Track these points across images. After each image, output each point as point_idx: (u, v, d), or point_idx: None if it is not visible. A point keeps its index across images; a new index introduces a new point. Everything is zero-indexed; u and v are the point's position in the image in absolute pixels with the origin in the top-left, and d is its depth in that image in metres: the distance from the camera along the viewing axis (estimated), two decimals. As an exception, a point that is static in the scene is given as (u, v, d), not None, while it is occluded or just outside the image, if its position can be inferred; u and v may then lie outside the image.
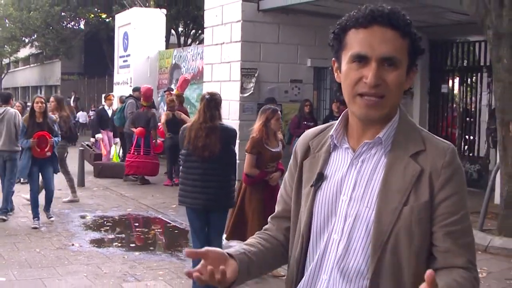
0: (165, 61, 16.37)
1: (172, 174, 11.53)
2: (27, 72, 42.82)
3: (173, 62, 15.79)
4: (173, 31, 22.88)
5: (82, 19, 29.33)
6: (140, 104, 11.89)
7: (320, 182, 1.62)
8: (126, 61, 17.49)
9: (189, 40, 23.79)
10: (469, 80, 12.22)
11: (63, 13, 27.72)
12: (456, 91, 12.63)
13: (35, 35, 29.76)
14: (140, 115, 11.52)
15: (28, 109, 9.54)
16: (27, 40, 31.58)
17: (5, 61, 40.95)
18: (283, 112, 10.36)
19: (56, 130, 7.96)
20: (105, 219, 8.64)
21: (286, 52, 11.48)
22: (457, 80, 12.48)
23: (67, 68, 34.64)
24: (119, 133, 13.43)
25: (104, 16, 27.20)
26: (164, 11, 18.05)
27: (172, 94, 11.96)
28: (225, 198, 5.05)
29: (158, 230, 8.27)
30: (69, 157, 9.62)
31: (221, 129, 4.96)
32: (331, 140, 1.64)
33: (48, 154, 7.77)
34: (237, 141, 5.49)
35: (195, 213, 5.04)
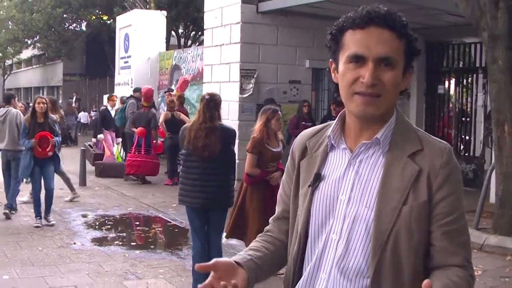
0: (165, 62, 16.36)
1: (172, 173, 11.52)
2: (29, 73, 42.78)
3: (173, 63, 15.78)
4: (173, 33, 22.87)
5: (83, 21, 29.33)
6: (141, 105, 11.89)
7: (317, 182, 1.61)
8: (127, 62, 17.49)
9: (189, 42, 23.78)
10: (465, 81, 12.23)
11: (65, 15, 27.69)
12: (452, 92, 12.64)
13: (38, 37, 29.72)
14: (140, 116, 11.51)
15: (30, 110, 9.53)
16: (29, 42, 31.56)
17: (8, 62, 40.90)
18: (282, 113, 10.33)
19: (57, 130, 7.95)
20: (106, 218, 8.64)
21: (284, 53, 11.48)
22: (453, 81, 12.49)
23: (69, 69, 34.62)
24: (120, 133, 13.43)
25: (105, 18, 27.20)
26: (165, 13, 18.05)
27: (173, 95, 11.96)
28: (224, 198, 5.04)
29: (159, 229, 8.27)
30: (71, 157, 9.63)
31: (220, 129, 4.96)
32: (329, 141, 1.63)
33: (50, 154, 7.77)
34: (237, 141, 5.49)
35: (194, 212, 5.03)
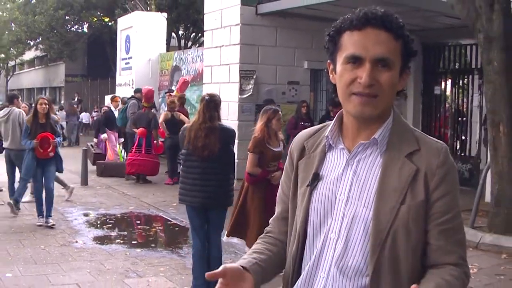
0: (166, 63, 16.35)
1: (172, 173, 11.52)
2: (32, 74, 42.77)
3: (174, 64, 15.77)
4: (173, 34, 22.87)
5: (85, 23, 29.34)
6: (142, 105, 11.89)
7: (315, 182, 1.61)
8: (128, 63, 17.47)
9: (189, 43, 23.78)
10: (461, 82, 12.22)
11: (67, 17, 27.70)
12: (448, 92, 12.64)
13: (40, 38, 29.72)
14: (141, 116, 11.51)
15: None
16: (32, 43, 31.56)
17: (11, 63, 40.91)
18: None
19: (58, 130, 7.94)
20: (107, 217, 8.63)
21: (283, 54, 11.47)
22: (449, 82, 12.48)
23: (71, 70, 34.61)
24: (122, 133, 13.43)
25: (107, 19, 27.19)
26: (165, 14, 18.04)
27: (173, 96, 11.95)
28: (224, 197, 5.04)
29: (159, 227, 8.27)
30: (72, 157, 9.62)
31: (220, 129, 4.95)
32: (327, 141, 1.63)
33: (51, 154, 7.74)
34: (236, 141, 5.48)
35: (194, 211, 5.03)
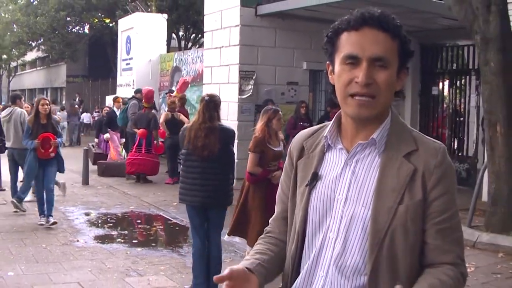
0: (166, 64, 16.34)
1: (173, 173, 11.51)
2: (33, 74, 42.74)
3: (174, 65, 15.77)
4: (174, 35, 22.85)
5: (86, 24, 29.35)
6: (142, 105, 11.89)
7: (314, 182, 1.61)
8: (128, 64, 17.47)
9: (189, 44, 23.76)
10: (458, 82, 12.22)
11: (68, 18, 27.70)
12: (446, 93, 12.63)
13: (42, 39, 29.73)
14: (141, 116, 11.51)
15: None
16: (34, 44, 31.55)
17: (13, 64, 40.87)
18: (280, 113, 10.32)
19: (59, 131, 7.93)
20: (108, 216, 8.63)
21: (282, 55, 11.46)
22: (447, 83, 12.48)
23: (72, 70, 34.59)
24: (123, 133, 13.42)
25: (107, 21, 27.19)
26: (165, 16, 18.05)
27: (173, 96, 11.95)
28: (224, 196, 5.03)
29: (160, 227, 8.27)
30: (73, 157, 9.61)
31: (220, 129, 4.95)
32: (325, 141, 1.63)
33: (52, 155, 7.73)
34: (236, 141, 5.47)
35: (194, 210, 5.03)
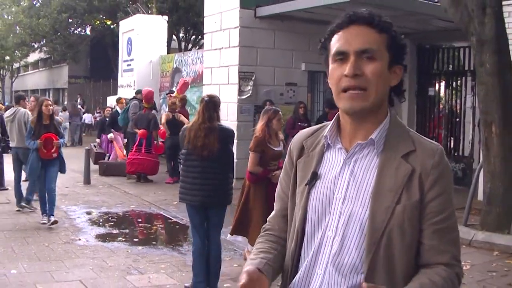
0: (166, 65, 16.34)
1: (173, 172, 11.51)
2: (36, 75, 42.71)
3: (174, 66, 15.76)
4: (174, 37, 22.85)
5: (88, 26, 29.30)
6: (142, 106, 11.88)
7: (314, 181, 1.61)
8: (129, 65, 17.46)
9: (190, 45, 23.76)
10: (454, 83, 12.23)
11: (70, 20, 27.66)
12: (442, 93, 12.65)
13: (44, 41, 29.69)
14: (141, 117, 11.51)
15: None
16: (36, 46, 31.50)
17: (16, 65, 40.86)
18: (279, 114, 10.31)
19: (61, 132, 7.92)
20: (109, 215, 8.62)
21: (281, 56, 11.47)
22: (443, 84, 12.49)
23: (74, 72, 34.56)
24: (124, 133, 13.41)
25: (109, 22, 27.15)
26: (166, 17, 18.04)
27: (173, 97, 11.95)
28: (223, 196, 5.02)
29: (160, 225, 8.26)
30: (75, 157, 9.60)
31: (219, 129, 4.95)
32: (325, 140, 1.63)
33: (54, 155, 7.72)
34: (235, 141, 5.47)
35: (194, 209, 5.02)
